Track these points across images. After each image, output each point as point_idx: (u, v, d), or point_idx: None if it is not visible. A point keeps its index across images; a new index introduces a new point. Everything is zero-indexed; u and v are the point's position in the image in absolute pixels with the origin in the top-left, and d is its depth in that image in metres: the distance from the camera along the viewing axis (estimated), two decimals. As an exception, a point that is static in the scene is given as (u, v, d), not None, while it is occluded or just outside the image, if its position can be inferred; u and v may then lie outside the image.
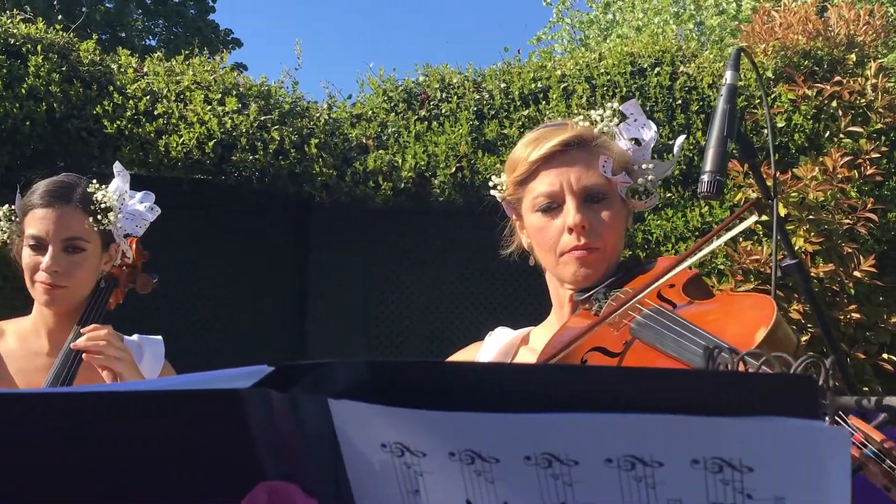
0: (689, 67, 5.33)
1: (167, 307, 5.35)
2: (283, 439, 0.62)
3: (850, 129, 4.85)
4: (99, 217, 1.83)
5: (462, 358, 1.60)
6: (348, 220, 5.68)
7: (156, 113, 4.97)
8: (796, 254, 1.36)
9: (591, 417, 0.55)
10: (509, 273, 5.78)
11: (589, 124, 1.45)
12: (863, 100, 4.94)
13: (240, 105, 5.12)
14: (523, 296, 5.88)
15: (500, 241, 1.61)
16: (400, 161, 5.29)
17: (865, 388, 4.44)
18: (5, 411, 0.63)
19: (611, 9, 14.74)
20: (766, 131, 4.89)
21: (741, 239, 4.41)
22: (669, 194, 5.02)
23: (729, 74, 1.33)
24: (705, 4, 13.00)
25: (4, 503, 0.65)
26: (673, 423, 0.53)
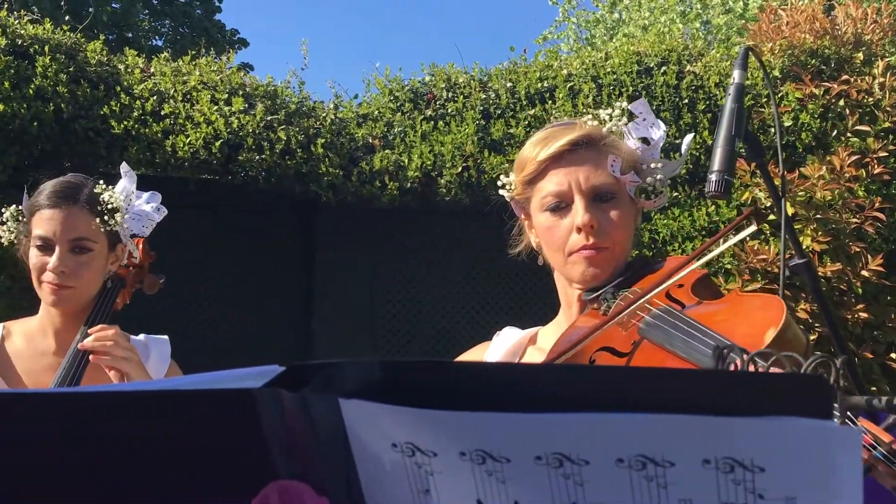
0: (695, 66, 5.31)
1: (174, 307, 5.37)
2: (294, 439, 0.62)
3: (857, 127, 4.83)
4: (106, 217, 1.83)
5: (470, 358, 1.60)
6: (354, 220, 5.69)
7: (162, 113, 4.98)
8: (804, 253, 1.36)
9: (602, 417, 0.54)
10: (516, 273, 5.78)
11: (598, 123, 1.45)
12: (870, 98, 4.92)
13: (246, 105, 5.13)
14: (530, 295, 5.87)
15: (506, 241, 1.60)
16: (406, 161, 5.29)
17: (873, 388, 4.43)
18: (14, 411, 0.64)
19: (617, 8, 14.69)
20: (773, 130, 4.87)
21: (748, 238, 4.39)
22: (676, 193, 5.01)
23: (737, 73, 1.32)
24: (712, 3, 12.95)
25: (16, 503, 0.65)
26: (684, 423, 0.53)
